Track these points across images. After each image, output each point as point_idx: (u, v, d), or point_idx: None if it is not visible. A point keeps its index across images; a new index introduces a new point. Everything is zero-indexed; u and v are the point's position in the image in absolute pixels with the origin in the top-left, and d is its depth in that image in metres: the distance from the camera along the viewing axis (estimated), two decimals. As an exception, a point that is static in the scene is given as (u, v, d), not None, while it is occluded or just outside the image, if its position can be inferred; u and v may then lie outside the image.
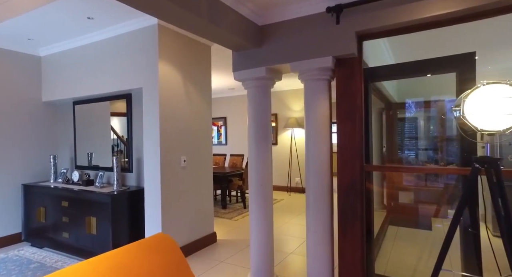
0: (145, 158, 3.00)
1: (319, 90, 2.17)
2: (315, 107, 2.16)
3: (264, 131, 2.42)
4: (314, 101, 2.17)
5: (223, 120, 7.96)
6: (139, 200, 3.07)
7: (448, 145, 4.01)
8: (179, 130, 3.13)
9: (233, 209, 5.39)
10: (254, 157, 2.42)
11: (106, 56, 3.28)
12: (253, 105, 2.43)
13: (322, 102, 2.16)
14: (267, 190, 2.43)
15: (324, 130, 2.16)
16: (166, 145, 2.96)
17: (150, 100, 2.95)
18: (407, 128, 5.09)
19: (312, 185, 2.17)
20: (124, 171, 3.39)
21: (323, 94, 2.17)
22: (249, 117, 2.46)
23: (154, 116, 2.93)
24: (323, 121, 2.16)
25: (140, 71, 3.02)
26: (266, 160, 2.42)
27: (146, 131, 2.99)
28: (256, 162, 2.41)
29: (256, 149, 2.41)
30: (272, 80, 2.46)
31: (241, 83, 2.55)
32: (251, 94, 2.45)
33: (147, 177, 2.98)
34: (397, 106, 4.80)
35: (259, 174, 2.40)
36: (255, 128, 2.42)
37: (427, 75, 2.06)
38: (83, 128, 3.77)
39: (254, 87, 2.43)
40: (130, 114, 3.35)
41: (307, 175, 2.21)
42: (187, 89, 3.24)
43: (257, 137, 2.41)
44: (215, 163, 6.55)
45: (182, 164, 3.16)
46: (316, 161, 2.16)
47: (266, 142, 2.42)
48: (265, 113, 2.43)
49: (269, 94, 2.48)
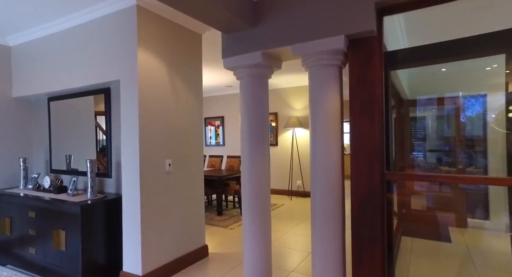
0: (122, 162, 2.58)
1: (327, 78, 1.74)
2: (323, 100, 1.74)
3: (260, 130, 1.99)
4: (321, 92, 1.75)
5: (220, 119, 7.55)
6: (118, 210, 2.65)
7: (474, 146, 3.57)
8: (163, 130, 2.71)
9: (229, 215, 4.96)
10: (248, 162, 1.99)
11: (80, 45, 2.87)
12: (247, 98, 2.01)
13: (331, 94, 1.74)
14: (264, 202, 2.00)
15: (334, 128, 1.74)
16: (147, 147, 2.54)
17: (128, 95, 2.53)
18: (420, 128, 4.65)
19: (319, 198, 1.74)
20: (102, 176, 2.97)
21: (332, 83, 1.74)
22: (242, 112, 2.04)
23: (132, 113, 2.51)
24: (333, 117, 1.74)
25: (117, 61, 2.60)
26: (262, 164, 1.99)
27: (124, 130, 2.57)
28: (251, 168, 1.98)
29: (251, 152, 1.99)
30: (270, 68, 2.04)
31: (236, 78, 2.11)
32: (244, 85, 2.03)
33: (125, 184, 2.56)
34: (410, 103, 4.38)
35: (254, 181, 1.98)
36: (249, 127, 2.00)
37: (465, 59, 1.63)
38: (61, 127, 3.35)
39: (247, 77, 2.01)
40: (109, 112, 2.93)
41: (312, 184, 1.78)
42: (173, 83, 2.82)
43: (251, 137, 1.99)
44: (211, 165, 6.13)
45: (167, 169, 2.74)
46: (324, 167, 1.73)
47: (262, 143, 2.00)
48: (261, 108, 2.01)
49: (266, 85, 2.05)
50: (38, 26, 3.07)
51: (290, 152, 6.55)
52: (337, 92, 1.76)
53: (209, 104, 7.72)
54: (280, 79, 6.14)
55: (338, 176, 1.74)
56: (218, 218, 4.77)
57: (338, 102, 1.76)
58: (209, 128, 7.79)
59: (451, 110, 4.31)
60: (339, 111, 1.76)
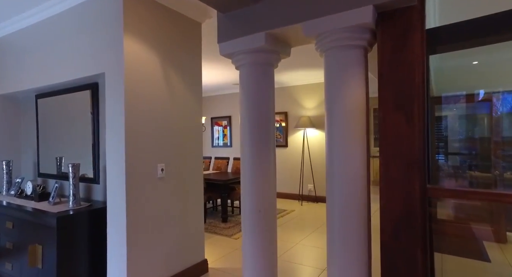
0: (107, 166, 2.25)
1: (349, 64, 1.36)
2: (343, 91, 1.35)
3: (263, 131, 1.62)
4: (341, 82, 1.36)
5: (227, 119, 7.21)
6: (105, 221, 2.32)
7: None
8: (155, 131, 2.37)
9: (234, 222, 4.61)
10: (248, 171, 1.62)
11: (63, 35, 2.56)
12: (248, 91, 1.64)
13: (354, 84, 1.35)
14: (268, 219, 1.62)
15: (357, 128, 1.35)
16: (135, 149, 2.21)
17: (113, 89, 2.20)
18: (446, 128, 4.18)
19: (337, 218, 1.35)
20: (89, 182, 2.65)
21: (356, 69, 1.35)
22: (242, 109, 1.67)
23: (117, 111, 2.18)
24: (355, 113, 1.35)
25: (102, 51, 2.28)
26: (266, 174, 1.62)
27: (109, 131, 2.24)
28: (252, 178, 1.61)
29: (252, 159, 1.61)
30: (276, 54, 1.66)
31: (235, 68, 1.75)
32: (244, 74, 1.66)
33: (110, 192, 2.23)
34: (434, 100, 3.91)
35: (256, 195, 1.60)
36: (251, 126, 1.63)
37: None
38: (51, 127, 3.06)
39: (249, 65, 1.64)
40: (97, 110, 2.61)
41: (329, 199, 1.40)
42: (168, 78, 2.48)
43: (253, 140, 1.62)
44: (217, 168, 5.80)
45: (159, 174, 2.39)
46: (343, 177, 1.35)
47: (266, 147, 1.62)
48: (265, 104, 1.63)
49: (272, 75, 1.68)
50: (16, 16, 2.78)
51: (301, 154, 6.15)
52: (361, 81, 1.37)
53: (216, 104, 7.39)
54: (290, 76, 5.75)
55: (362, 189, 1.35)
56: (222, 226, 4.41)
57: (362, 94, 1.37)
58: (216, 128, 7.47)
59: (483, 108, 3.82)
60: (363, 105, 1.37)
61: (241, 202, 1.66)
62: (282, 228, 4.29)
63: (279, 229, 4.25)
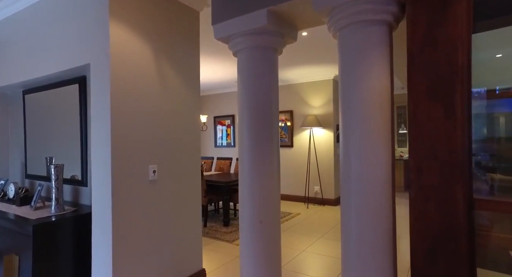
0: (92, 168, 2.02)
1: (370, 44, 1.10)
2: (362, 78, 1.10)
3: (265, 129, 1.37)
4: (361, 67, 1.10)
5: (230, 118, 6.97)
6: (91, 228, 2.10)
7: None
8: (146, 129, 2.14)
9: (236, 226, 4.36)
10: (248, 172, 1.37)
11: (46, 24, 2.34)
12: (247, 79, 1.39)
13: (376, 69, 1.09)
14: (271, 231, 1.37)
15: (380, 124, 1.09)
16: (123, 149, 1.97)
17: (99, 82, 1.97)
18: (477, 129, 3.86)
19: (354, 236, 1.10)
20: (77, 184, 2.43)
21: (379, 51, 1.10)
22: (240, 101, 1.42)
23: (102, 106, 1.95)
24: (379, 106, 1.09)
25: (87, 40, 2.05)
26: (269, 179, 1.37)
27: (94, 128, 2.01)
28: (252, 183, 1.36)
29: (252, 158, 1.36)
30: (280, 37, 1.40)
31: (232, 54, 1.50)
32: (243, 61, 1.41)
33: (95, 196, 2.00)
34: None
35: (256, 203, 1.35)
36: (250, 121, 1.38)
37: None
38: (39, 124, 2.85)
39: (248, 50, 1.39)
40: (85, 106, 2.39)
41: (345, 206, 1.14)
42: (161, 70, 2.24)
43: (253, 137, 1.37)
44: (219, 169, 5.56)
45: (151, 177, 2.16)
46: (363, 182, 1.09)
47: (269, 148, 1.37)
48: (267, 94, 1.38)
49: (275, 62, 1.43)
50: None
51: (307, 154, 5.88)
52: (385, 67, 1.11)
53: (218, 102, 7.16)
54: (295, 73, 5.48)
55: (385, 197, 1.09)
56: (224, 230, 4.17)
57: (386, 81, 1.11)
58: (219, 127, 7.24)
59: (505, 106, 3.51)
60: (388, 96, 1.11)
61: (240, 210, 1.41)
62: (286, 233, 4.04)
63: (283, 234, 3.99)
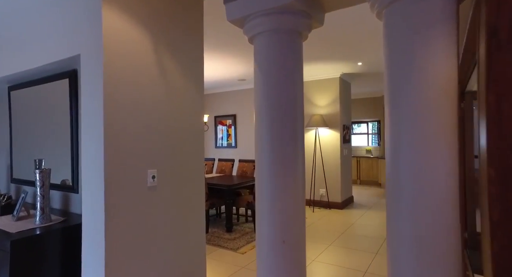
0: (82, 173, 1.77)
1: (430, 20, 0.86)
2: (422, 64, 0.86)
3: (288, 125, 1.13)
4: (417, 49, 0.86)
5: (232, 118, 6.73)
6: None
7: None
8: (145, 129, 1.89)
9: (240, 232, 4.12)
10: (267, 182, 1.13)
11: (33, 10, 2.09)
12: (268, 69, 1.15)
13: (438, 51, 0.85)
14: (297, 254, 1.13)
15: (442, 121, 0.85)
16: (117, 152, 1.73)
17: (90, 76, 1.73)
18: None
19: (408, 252, 0.86)
20: (68, 191, 2.18)
21: (442, 28, 0.86)
22: (258, 95, 1.18)
23: (94, 103, 1.70)
24: (441, 98, 0.86)
25: (77, 28, 1.81)
26: (293, 186, 1.13)
27: (85, 128, 1.77)
28: (273, 195, 1.12)
29: (273, 165, 1.12)
30: (307, 17, 1.16)
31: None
32: (262, 47, 1.17)
33: (86, 205, 1.75)
34: (474, 95, 3.38)
35: (278, 219, 1.11)
36: (270, 119, 1.14)
37: None
38: (26, 124, 2.59)
39: (269, 34, 1.14)
40: (75, 103, 2.14)
41: (395, 224, 0.90)
42: (161, 63, 2.00)
43: (274, 140, 1.13)
44: (221, 171, 5.32)
45: (150, 183, 1.91)
46: (421, 195, 0.85)
47: (294, 152, 1.13)
48: (291, 88, 1.14)
49: (300, 49, 1.19)
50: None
51: (312, 155, 5.65)
52: (451, 46, 0.87)
53: (220, 101, 6.92)
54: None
55: (450, 214, 0.86)
56: (227, 236, 3.93)
57: (451, 67, 0.87)
58: (220, 128, 6.99)
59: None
60: (453, 85, 0.88)
61: (257, 227, 1.17)
62: (294, 240, 3.80)
63: (291, 241, 3.75)
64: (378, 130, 8.81)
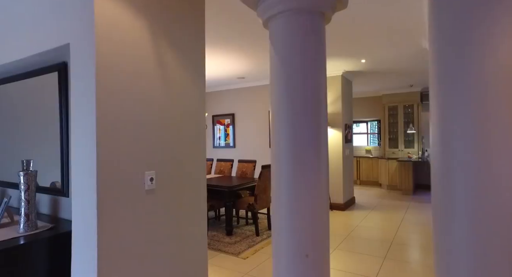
0: (72, 175, 1.60)
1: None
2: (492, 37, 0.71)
3: (311, 124, 0.97)
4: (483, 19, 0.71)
5: (230, 117, 6.56)
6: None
7: None
8: (142, 127, 1.72)
9: (241, 235, 3.95)
10: (286, 187, 0.97)
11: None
12: (286, 57, 0.99)
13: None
14: (321, 268, 0.97)
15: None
16: (111, 152, 1.56)
17: (81, 68, 1.55)
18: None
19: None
20: (58, 194, 2.01)
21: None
22: (275, 88, 1.02)
23: (86, 98, 1.53)
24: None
25: (66, 15, 1.63)
26: (318, 194, 0.97)
27: (75, 126, 1.59)
28: (293, 200, 0.96)
29: (293, 167, 0.96)
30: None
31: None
32: (279, 31, 1.01)
33: (76, 212, 1.58)
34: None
35: (300, 228, 0.95)
36: (291, 117, 0.98)
37: None
38: (13, 121, 2.40)
39: (287, 15, 0.99)
40: (65, 98, 1.96)
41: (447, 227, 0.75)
42: (159, 54, 1.83)
43: (294, 138, 0.97)
44: (220, 171, 5.15)
45: (148, 186, 1.74)
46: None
47: (316, 147, 0.97)
48: (314, 79, 0.98)
49: (323, 32, 1.03)
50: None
51: (313, 155, 5.50)
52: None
53: (218, 100, 6.75)
54: (303, 68, 5.10)
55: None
56: (227, 240, 3.76)
57: None
58: (218, 127, 6.82)
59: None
60: None
61: (274, 239, 1.01)
62: (297, 243, 3.65)
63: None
64: (378, 129, 8.70)
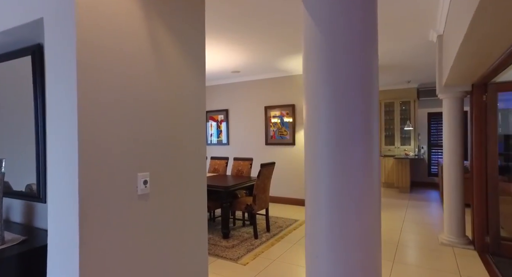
0: (48, 179, 1.33)
1: None
2: None
3: (362, 111, 0.74)
4: None
5: (224, 113, 6.29)
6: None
7: None
8: (133, 122, 1.45)
9: (239, 238, 3.72)
10: (328, 200, 0.74)
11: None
12: (327, 22, 0.75)
13: None
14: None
15: None
16: (97, 149, 1.29)
17: (58, 50, 1.28)
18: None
19: None
20: (30, 199, 1.72)
21: None
22: (314, 63, 0.78)
23: (65, 87, 1.26)
24: None
25: (40, -18, 1.35)
26: (369, 197, 0.74)
27: (51, 120, 1.32)
28: (337, 207, 0.73)
29: (338, 164, 0.73)
30: None
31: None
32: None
33: (53, 221, 1.31)
34: (500, 86, 3.12)
35: (344, 247, 0.72)
36: (333, 107, 0.74)
37: None
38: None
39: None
40: (41, 86, 1.67)
41: None
42: (153, 36, 1.56)
43: (340, 129, 0.73)
44: (214, 170, 4.89)
45: (141, 190, 1.48)
46: None
47: (367, 142, 0.74)
48: (366, 52, 0.75)
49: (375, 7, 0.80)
50: None
51: (311, 153, 5.31)
52: None
53: (211, 95, 6.47)
54: (298, 63, 4.88)
55: None
56: (224, 244, 3.52)
57: None
58: (210, 123, 6.55)
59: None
60: None
61: (307, 256, 0.78)
62: (296, 247, 3.43)
63: (292, 248, 3.39)
64: (373, 126, 8.58)
